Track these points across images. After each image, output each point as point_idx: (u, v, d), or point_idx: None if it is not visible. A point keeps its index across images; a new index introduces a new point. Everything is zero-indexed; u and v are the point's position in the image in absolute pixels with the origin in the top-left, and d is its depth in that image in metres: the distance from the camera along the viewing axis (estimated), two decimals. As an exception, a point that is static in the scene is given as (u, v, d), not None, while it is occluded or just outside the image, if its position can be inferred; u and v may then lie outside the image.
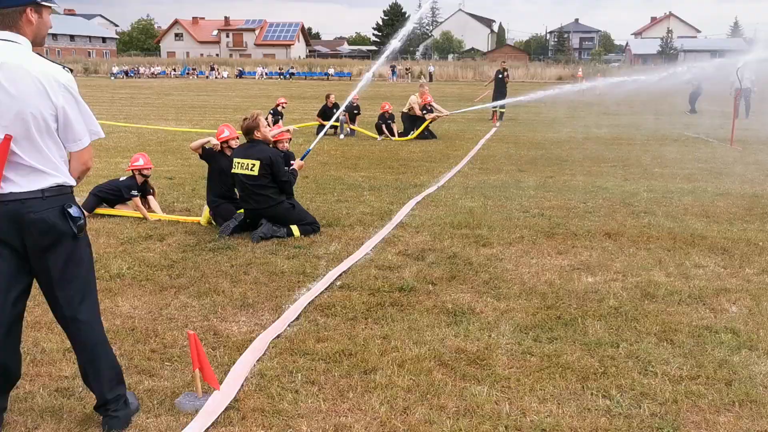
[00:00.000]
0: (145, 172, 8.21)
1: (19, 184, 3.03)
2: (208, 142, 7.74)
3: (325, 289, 5.48)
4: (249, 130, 7.09)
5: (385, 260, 6.30)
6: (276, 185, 7.09)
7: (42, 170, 3.06)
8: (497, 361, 4.20)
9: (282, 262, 6.21)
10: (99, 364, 3.26)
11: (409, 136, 16.70)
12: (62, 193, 3.14)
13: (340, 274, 5.84)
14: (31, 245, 3.09)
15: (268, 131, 7.22)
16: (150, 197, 8.21)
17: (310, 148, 8.36)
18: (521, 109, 27.18)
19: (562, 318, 4.89)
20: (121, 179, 8.26)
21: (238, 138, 7.91)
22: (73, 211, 3.16)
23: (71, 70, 3.26)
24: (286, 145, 8.22)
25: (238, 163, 7.10)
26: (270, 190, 7.07)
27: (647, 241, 7.04)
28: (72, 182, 3.20)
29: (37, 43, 3.12)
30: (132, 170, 8.18)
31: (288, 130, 8.42)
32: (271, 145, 7.35)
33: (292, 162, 7.73)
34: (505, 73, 23.15)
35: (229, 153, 7.62)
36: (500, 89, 23.00)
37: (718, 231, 7.44)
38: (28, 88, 2.99)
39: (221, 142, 7.80)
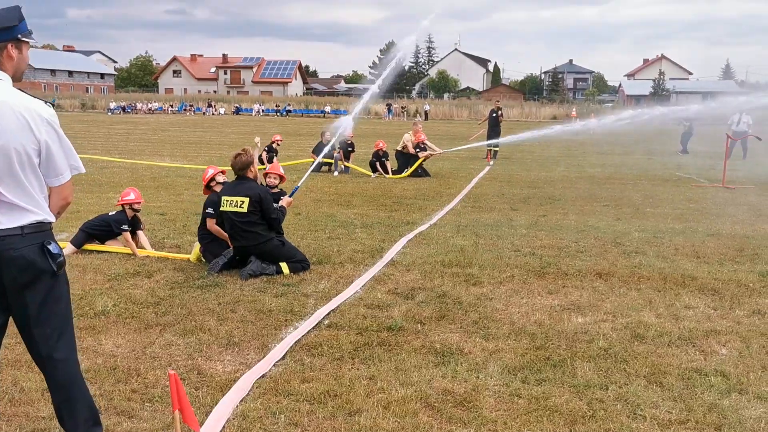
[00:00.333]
0: (135, 206, 8.19)
1: (0, 222, 3.01)
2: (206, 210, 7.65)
3: (313, 328, 5.42)
4: (244, 166, 7.10)
5: (374, 299, 6.26)
6: (265, 222, 7.08)
7: (23, 207, 3.05)
8: (484, 403, 4.13)
9: (270, 300, 6.15)
10: (75, 404, 3.19)
11: (403, 174, 16.76)
12: (42, 230, 3.12)
13: (329, 313, 5.78)
14: (9, 282, 3.06)
15: (256, 169, 7.25)
16: (139, 232, 8.18)
17: (299, 185, 8.36)
18: (515, 148, 27.36)
19: (551, 359, 4.84)
20: (110, 214, 8.22)
21: (224, 173, 7.93)
22: (53, 248, 3.14)
23: (53, 105, 3.27)
24: (275, 180, 8.24)
25: (227, 200, 7.09)
26: (259, 227, 7.04)
27: (638, 281, 7.01)
28: (52, 219, 3.18)
29: (16, 79, 3.14)
30: (122, 204, 8.15)
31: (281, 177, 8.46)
32: (260, 182, 7.36)
33: (281, 198, 7.73)
34: (500, 112, 23.36)
35: (218, 190, 7.61)
36: (494, 128, 23.18)
37: (708, 272, 7.42)
38: (11, 123, 2.99)
39: (209, 181, 7.78)
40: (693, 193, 14.44)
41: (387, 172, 17.02)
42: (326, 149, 13.48)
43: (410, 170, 16.84)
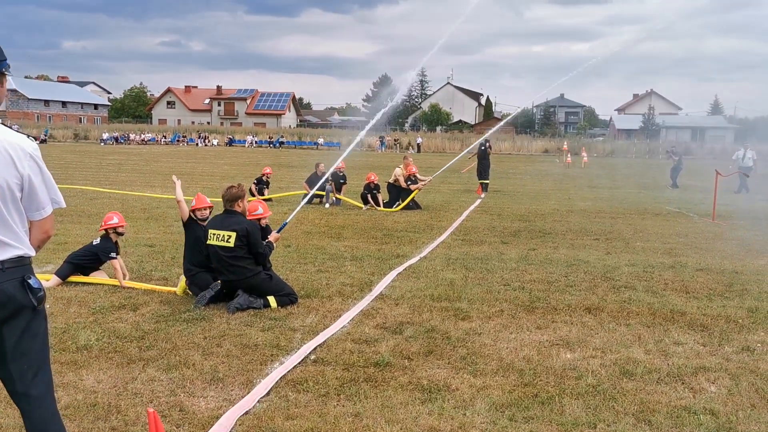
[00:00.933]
0: (120, 230, 8.15)
1: None
2: (190, 236, 7.60)
3: (299, 363, 5.35)
4: (234, 198, 7.07)
5: (362, 333, 6.20)
6: (252, 257, 7.03)
7: (4, 242, 3.02)
8: (471, 442, 4.07)
9: (256, 335, 6.08)
10: (50, 442, 3.11)
11: (395, 208, 16.76)
12: (22, 264, 3.08)
13: (315, 348, 5.72)
14: None
15: (246, 203, 7.21)
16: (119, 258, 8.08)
17: (287, 221, 8.29)
18: (507, 181, 27.52)
19: (539, 396, 4.78)
20: (94, 243, 8.15)
21: (210, 208, 7.84)
22: (33, 282, 3.09)
23: (35, 139, 3.26)
24: (264, 221, 8.13)
25: (214, 234, 7.04)
26: (246, 261, 7.00)
27: (627, 316, 6.98)
28: (32, 253, 3.14)
29: None
30: (106, 229, 8.09)
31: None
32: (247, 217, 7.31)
33: (269, 233, 7.68)
34: (487, 144, 23.51)
35: (201, 223, 7.54)
36: (483, 161, 23.30)
37: (697, 307, 7.40)
38: None
39: (192, 211, 7.72)
40: (683, 227, 14.49)
41: (378, 205, 17.02)
42: (321, 182, 13.49)
43: (403, 204, 16.85)
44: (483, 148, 23.31)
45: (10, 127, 3.26)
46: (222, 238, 6.97)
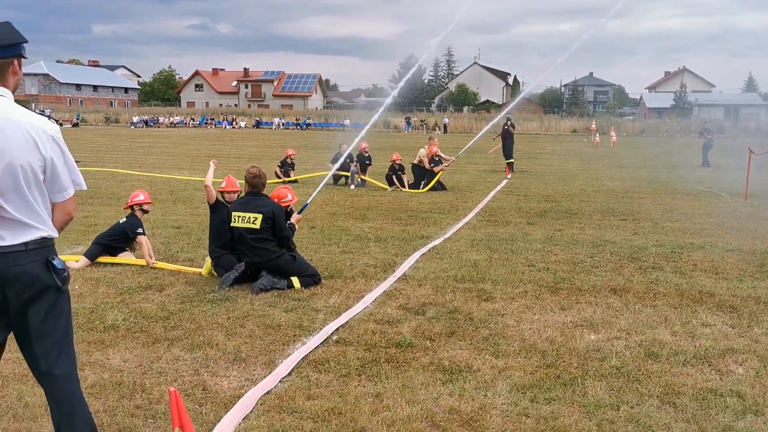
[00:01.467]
0: (145, 207, 8.25)
1: (5, 238, 3.01)
2: (215, 217, 7.67)
3: (321, 343, 5.37)
4: (256, 181, 7.08)
5: (384, 314, 6.20)
6: (276, 239, 7.05)
7: (28, 223, 3.05)
8: (491, 422, 4.05)
9: (279, 315, 6.12)
10: (74, 422, 3.17)
11: (421, 190, 16.70)
12: (45, 245, 3.12)
13: (337, 328, 5.74)
14: (13, 298, 3.05)
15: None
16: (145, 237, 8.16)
17: (308, 202, 8.27)
18: (534, 162, 27.26)
19: (561, 377, 4.75)
20: (121, 221, 8.26)
21: (236, 192, 7.90)
22: (57, 263, 3.13)
23: (56, 121, 3.28)
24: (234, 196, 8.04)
25: (239, 216, 7.07)
26: (270, 243, 7.02)
27: (653, 297, 6.88)
28: (55, 234, 3.18)
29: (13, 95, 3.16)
30: (132, 206, 8.18)
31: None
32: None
33: (291, 215, 7.69)
34: (509, 123, 23.32)
35: (226, 203, 7.61)
36: (507, 140, 23.14)
37: (727, 288, 7.27)
38: (17, 140, 3.00)
39: (221, 192, 7.80)
40: (713, 207, 14.22)
41: (403, 186, 16.98)
42: (341, 160, 13.49)
43: (429, 186, 16.78)
44: (506, 127, 23.14)
45: (42, 112, 3.29)
46: (248, 220, 7.00)
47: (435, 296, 6.83)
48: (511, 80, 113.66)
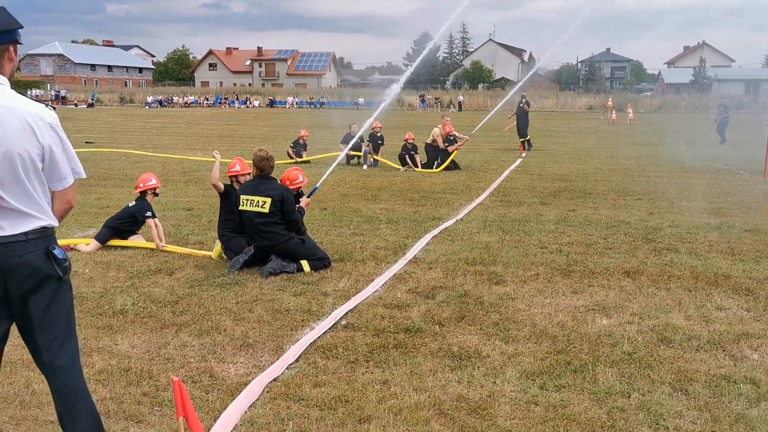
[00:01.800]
0: (156, 190, 8.25)
1: (4, 228, 2.97)
2: (225, 205, 7.64)
3: (329, 328, 5.34)
4: (264, 164, 7.01)
5: (393, 298, 6.16)
6: (285, 223, 7.00)
7: (27, 213, 3.01)
8: (499, 410, 4.00)
9: (288, 299, 6.09)
10: (77, 413, 3.15)
11: (434, 170, 16.57)
12: (46, 234, 3.08)
13: (346, 313, 5.70)
14: (14, 289, 3.02)
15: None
16: (156, 220, 8.15)
17: (317, 185, 8.18)
18: (549, 140, 26.99)
19: (571, 364, 4.68)
20: (130, 204, 8.25)
21: (249, 174, 7.86)
22: (58, 252, 3.10)
23: (54, 109, 3.23)
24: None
25: (247, 200, 7.02)
26: (280, 226, 6.98)
27: (668, 280, 6.78)
28: (55, 223, 3.14)
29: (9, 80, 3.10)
30: (145, 190, 8.16)
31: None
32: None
33: (300, 198, 7.62)
34: (524, 100, 23.09)
35: (237, 187, 7.56)
36: (522, 118, 22.93)
37: (743, 270, 7.14)
38: (15, 128, 2.95)
39: (231, 177, 7.77)
40: (731, 186, 14.00)
41: (416, 166, 16.87)
42: (353, 141, 13.40)
43: (443, 166, 16.64)
44: (521, 105, 22.92)
45: (58, 93, 3.22)
46: (256, 203, 6.95)
47: (445, 279, 6.77)
48: (526, 57, 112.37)
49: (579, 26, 16.67)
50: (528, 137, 22.53)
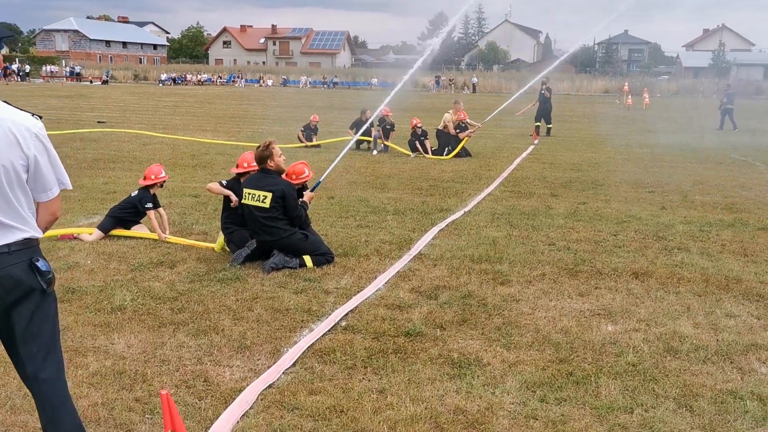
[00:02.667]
0: (160, 182, 8.18)
1: None
2: (229, 198, 7.52)
3: (328, 330, 5.25)
4: (262, 159, 6.91)
5: (395, 298, 6.06)
6: (287, 218, 6.90)
7: (10, 225, 2.94)
8: (497, 425, 3.91)
9: (289, 298, 6.01)
10: (60, 426, 3.09)
11: (445, 157, 16.39)
12: (29, 246, 3.00)
13: (346, 314, 5.61)
14: None
15: (281, 160, 7.01)
16: (160, 210, 8.08)
17: (321, 179, 8.00)
18: (563, 125, 26.67)
19: (573, 375, 4.57)
20: (132, 194, 8.18)
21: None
22: (41, 265, 3.02)
23: (40, 117, 3.13)
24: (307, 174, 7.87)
25: (249, 194, 6.92)
26: (281, 222, 6.88)
27: (677, 283, 6.63)
28: (39, 234, 3.06)
29: None
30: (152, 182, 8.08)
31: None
32: (284, 176, 7.14)
33: (303, 192, 7.49)
34: (544, 87, 22.78)
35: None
36: (544, 104, 22.69)
37: (755, 273, 6.98)
38: None
39: (240, 175, 7.62)
40: (747, 179, 13.75)
41: (427, 152, 16.70)
42: (364, 127, 13.24)
43: (453, 153, 16.46)
44: (542, 91, 22.68)
45: (72, 69, 3.12)
46: (257, 198, 6.85)
47: (449, 278, 6.66)
48: (542, 38, 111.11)
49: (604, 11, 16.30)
50: (550, 125, 22.42)
